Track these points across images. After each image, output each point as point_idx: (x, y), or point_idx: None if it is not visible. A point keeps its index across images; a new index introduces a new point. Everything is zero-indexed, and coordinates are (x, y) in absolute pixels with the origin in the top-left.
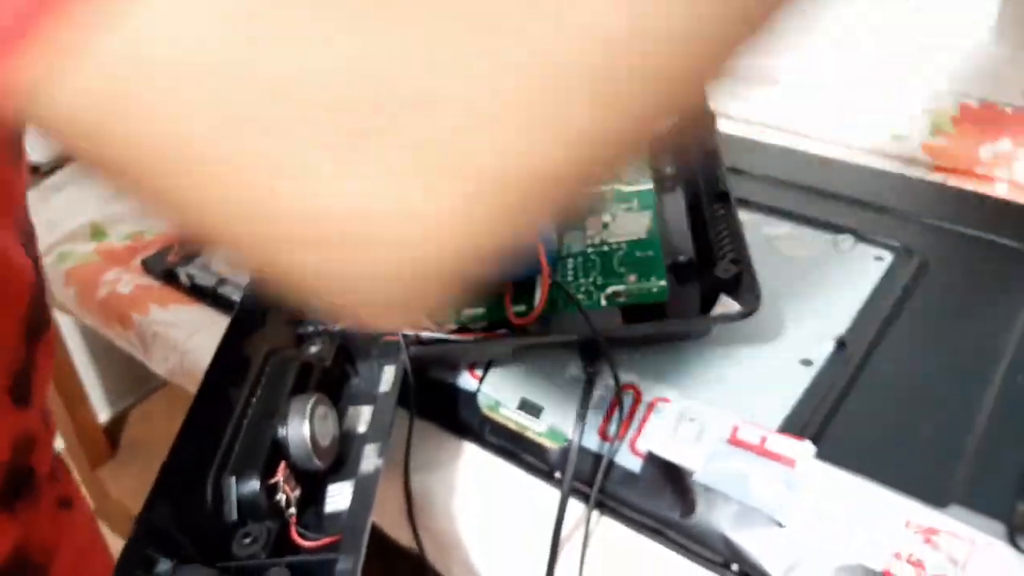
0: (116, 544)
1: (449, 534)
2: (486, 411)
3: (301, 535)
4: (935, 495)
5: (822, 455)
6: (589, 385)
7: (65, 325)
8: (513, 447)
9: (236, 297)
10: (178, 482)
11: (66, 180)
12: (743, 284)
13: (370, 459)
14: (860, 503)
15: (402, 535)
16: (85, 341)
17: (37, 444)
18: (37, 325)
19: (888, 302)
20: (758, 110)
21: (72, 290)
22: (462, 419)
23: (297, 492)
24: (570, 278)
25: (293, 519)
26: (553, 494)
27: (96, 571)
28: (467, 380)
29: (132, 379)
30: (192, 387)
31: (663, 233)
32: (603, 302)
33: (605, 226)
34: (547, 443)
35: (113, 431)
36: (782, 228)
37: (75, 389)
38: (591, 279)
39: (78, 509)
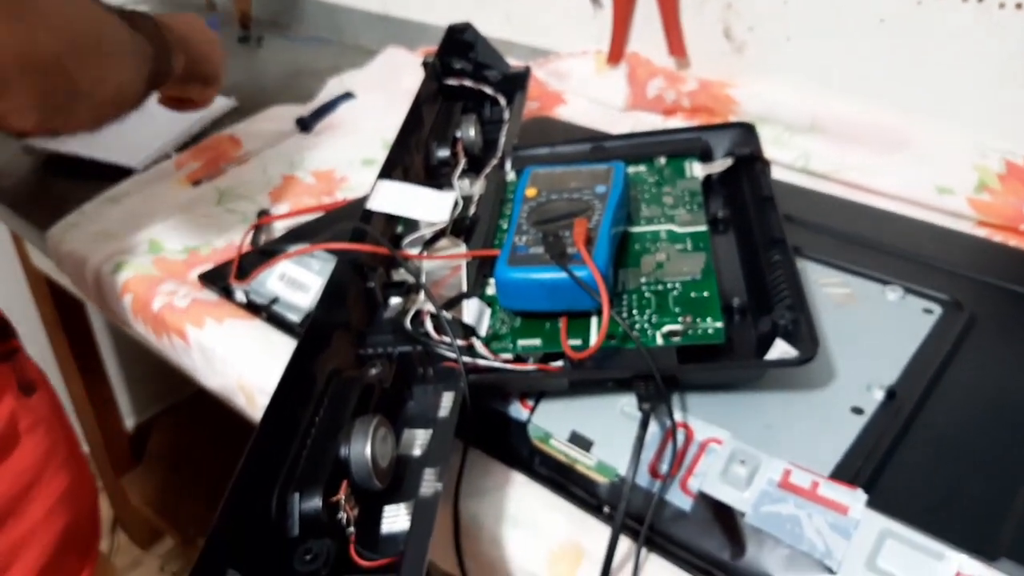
0: (133, 553)
1: (495, 562)
2: (536, 442)
3: (360, 554)
4: (986, 548)
5: (873, 504)
6: (644, 422)
7: (100, 335)
8: (562, 479)
9: (289, 315)
10: (246, 496)
11: (124, 192)
12: (800, 330)
13: (429, 483)
14: (911, 554)
15: (447, 560)
16: (116, 350)
17: None
18: None
19: (938, 354)
20: (804, 157)
21: (128, 299)
22: (512, 448)
23: (356, 512)
24: (624, 314)
25: (353, 538)
26: (601, 528)
27: (49, 443)
28: (518, 410)
29: (159, 389)
30: (243, 401)
31: (717, 275)
32: (659, 340)
33: (659, 265)
34: (596, 477)
35: (138, 439)
36: (831, 277)
37: (106, 395)
38: (646, 316)
39: (41, 393)
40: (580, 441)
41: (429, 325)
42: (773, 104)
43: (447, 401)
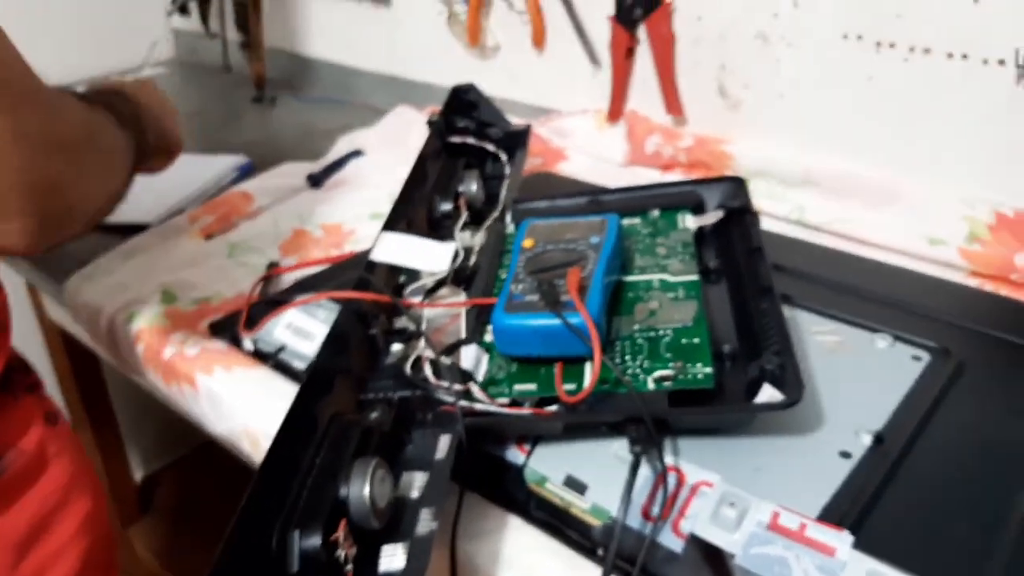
0: None
1: None
2: (532, 485)
3: None
4: None
5: (859, 545)
6: (635, 465)
7: (113, 385)
8: (557, 522)
9: (296, 363)
10: (248, 533)
11: (139, 246)
12: (787, 375)
13: (425, 522)
14: None
15: None
16: (126, 403)
17: None
18: None
19: (925, 401)
20: (798, 210)
21: (140, 348)
22: (508, 492)
23: (354, 550)
24: (618, 360)
25: (350, 575)
26: (596, 571)
27: (74, 468)
28: (515, 454)
29: (166, 442)
30: (248, 446)
31: (708, 323)
32: (650, 385)
33: (652, 313)
34: (591, 520)
35: (144, 491)
36: (821, 325)
37: (116, 447)
38: (638, 362)
39: (62, 423)
40: (575, 485)
41: (428, 371)
42: (767, 159)
43: (444, 443)
